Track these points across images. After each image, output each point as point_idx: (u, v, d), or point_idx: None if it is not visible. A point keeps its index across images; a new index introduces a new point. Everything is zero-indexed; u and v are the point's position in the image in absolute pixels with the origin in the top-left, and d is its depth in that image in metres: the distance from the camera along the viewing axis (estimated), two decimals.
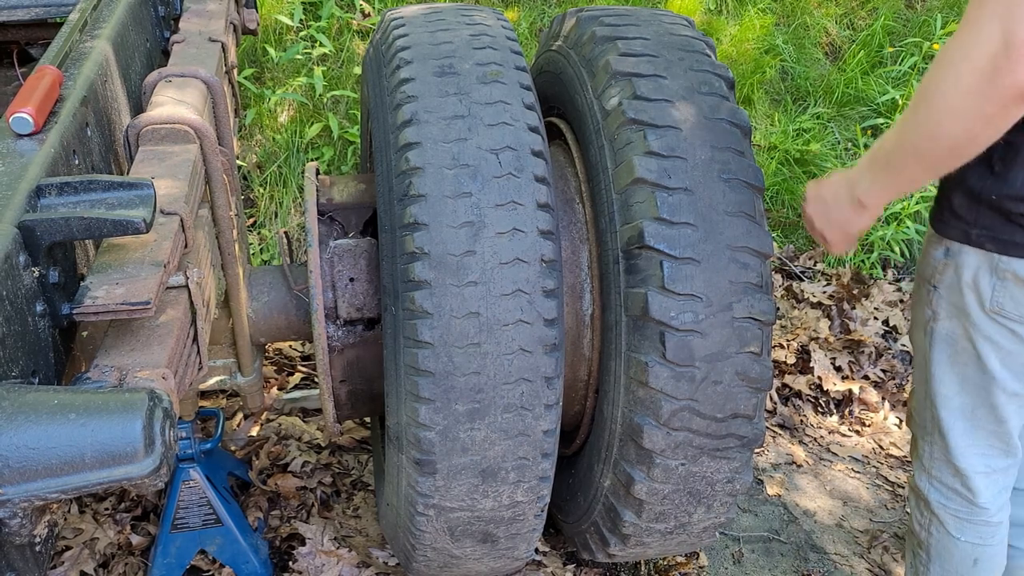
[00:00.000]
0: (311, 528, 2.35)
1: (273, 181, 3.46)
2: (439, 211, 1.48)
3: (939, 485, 1.81)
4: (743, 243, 1.54)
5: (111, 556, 2.28)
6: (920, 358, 1.76)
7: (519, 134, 1.56)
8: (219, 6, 2.19)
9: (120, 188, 1.19)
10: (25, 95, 1.32)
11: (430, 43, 1.69)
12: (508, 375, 1.51)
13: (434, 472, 1.58)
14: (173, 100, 1.59)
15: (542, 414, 1.56)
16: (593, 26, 1.78)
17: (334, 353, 1.91)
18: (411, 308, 1.49)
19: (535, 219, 1.51)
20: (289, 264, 2.04)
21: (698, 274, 1.51)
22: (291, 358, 3.07)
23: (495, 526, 1.69)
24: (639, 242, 1.54)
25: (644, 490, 1.65)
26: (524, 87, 1.64)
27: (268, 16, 3.60)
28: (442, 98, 1.58)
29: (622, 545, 1.81)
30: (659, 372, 1.53)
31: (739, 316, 1.53)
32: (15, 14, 2.09)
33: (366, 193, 2.04)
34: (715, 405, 1.57)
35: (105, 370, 1.13)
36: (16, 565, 1.03)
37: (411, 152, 1.53)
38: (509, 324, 1.49)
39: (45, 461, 0.92)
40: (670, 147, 1.56)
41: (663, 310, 1.51)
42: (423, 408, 1.52)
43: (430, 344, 1.48)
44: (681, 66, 1.66)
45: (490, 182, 1.51)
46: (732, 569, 2.40)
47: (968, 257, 1.55)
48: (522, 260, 1.49)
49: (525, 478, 1.62)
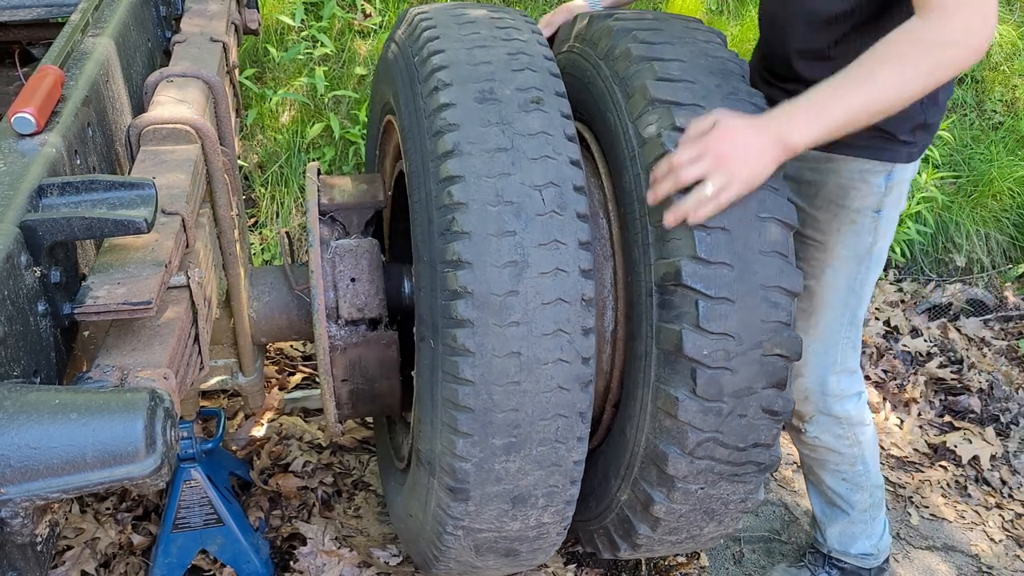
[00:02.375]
0: (312, 528, 2.35)
1: (274, 181, 3.46)
2: (483, 249, 1.46)
3: (849, 393, 2.01)
4: (775, 282, 1.54)
5: (112, 556, 2.28)
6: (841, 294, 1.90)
7: (561, 168, 1.53)
8: (220, 6, 2.19)
9: (121, 188, 1.19)
10: (27, 95, 1.32)
11: (468, 63, 1.63)
12: (545, 411, 1.52)
13: (467, 500, 1.60)
14: (175, 100, 1.59)
15: (575, 446, 1.58)
16: (627, 41, 1.71)
17: (335, 353, 1.91)
18: (452, 345, 1.48)
19: (577, 258, 1.50)
20: (290, 264, 2.04)
21: (732, 313, 1.51)
22: (292, 358, 3.07)
23: (519, 544, 1.72)
24: (675, 280, 1.52)
25: (663, 510, 1.68)
26: (564, 115, 1.60)
27: (269, 16, 3.60)
28: (484, 128, 1.54)
29: (632, 551, 1.84)
30: (688, 406, 1.54)
31: (767, 353, 1.55)
32: (17, 14, 2.09)
33: (368, 193, 2.04)
34: (739, 436, 1.59)
35: (106, 370, 1.13)
36: (17, 565, 1.03)
37: (454, 187, 1.50)
38: (549, 363, 1.50)
39: (46, 461, 0.92)
40: None
41: (696, 348, 1.51)
42: (460, 441, 1.53)
43: (471, 382, 1.48)
44: (719, 93, 1.62)
45: (534, 220, 1.48)
46: (732, 569, 2.40)
47: (905, 173, 1.83)
48: (564, 300, 1.49)
49: (553, 503, 1.65)
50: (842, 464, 2.09)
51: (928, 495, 2.75)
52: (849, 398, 2.01)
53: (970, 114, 4.06)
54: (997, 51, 4.12)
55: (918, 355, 3.37)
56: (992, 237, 3.83)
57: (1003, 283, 3.79)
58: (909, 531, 2.61)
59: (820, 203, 1.84)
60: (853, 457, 2.07)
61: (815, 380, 1.98)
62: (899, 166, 1.80)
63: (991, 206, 3.82)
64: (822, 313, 1.92)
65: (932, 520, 2.66)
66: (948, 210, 3.77)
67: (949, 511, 2.70)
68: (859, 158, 1.78)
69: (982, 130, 4.01)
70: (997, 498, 2.78)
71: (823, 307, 1.91)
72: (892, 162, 1.79)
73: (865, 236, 1.84)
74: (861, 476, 2.11)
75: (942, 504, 2.72)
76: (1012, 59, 4.13)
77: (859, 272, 1.88)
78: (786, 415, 1.61)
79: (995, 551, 2.57)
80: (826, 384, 1.98)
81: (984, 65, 4.12)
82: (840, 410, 2.01)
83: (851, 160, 1.79)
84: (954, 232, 3.79)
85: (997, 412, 3.13)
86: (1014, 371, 3.32)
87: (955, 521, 2.67)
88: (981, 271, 3.80)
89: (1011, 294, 3.74)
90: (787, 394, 1.60)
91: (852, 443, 2.05)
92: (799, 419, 2.04)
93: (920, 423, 3.06)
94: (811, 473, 2.19)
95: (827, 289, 1.89)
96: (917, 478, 2.81)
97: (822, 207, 1.85)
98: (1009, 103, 4.10)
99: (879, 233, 1.85)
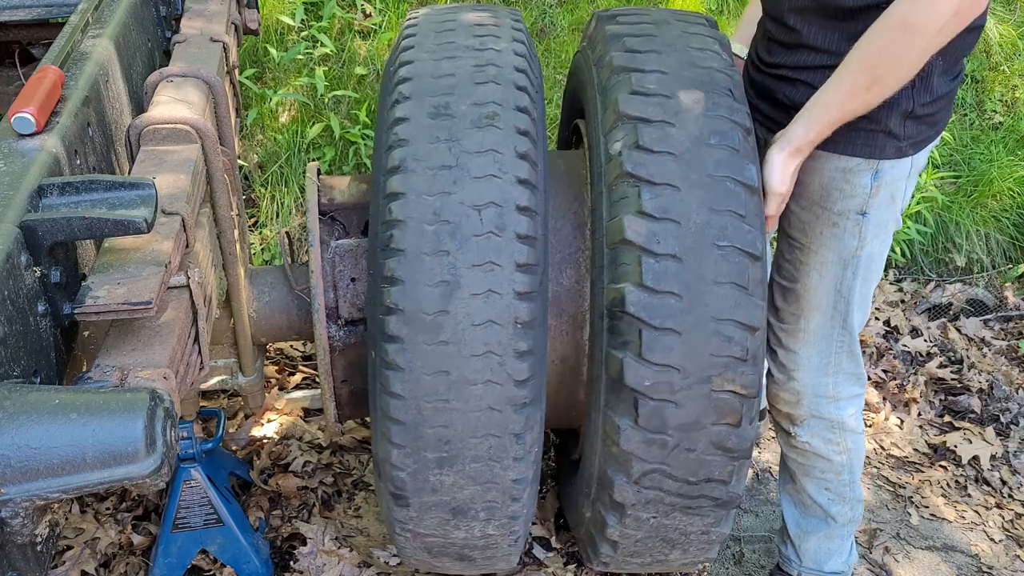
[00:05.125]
0: (312, 528, 2.35)
1: (274, 181, 3.46)
2: (416, 268, 1.46)
3: (846, 397, 1.95)
4: (729, 315, 1.49)
5: (112, 556, 2.28)
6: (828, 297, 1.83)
7: (506, 188, 1.50)
8: (221, 6, 2.19)
9: (122, 188, 1.19)
10: (27, 95, 1.32)
11: (432, 75, 1.61)
12: (475, 430, 1.53)
13: (407, 505, 1.63)
14: (175, 100, 1.59)
15: (511, 465, 1.58)
16: (613, 48, 1.67)
17: (335, 353, 1.91)
18: (385, 359, 1.50)
19: (512, 281, 1.48)
20: (290, 264, 2.04)
21: (677, 345, 1.48)
22: (292, 358, 3.07)
23: (470, 551, 1.74)
24: (621, 306, 1.51)
25: (616, 534, 1.68)
26: (520, 132, 1.55)
27: (269, 16, 3.60)
28: (432, 144, 1.52)
29: (602, 567, 1.86)
30: (631, 435, 1.54)
31: (718, 389, 1.51)
32: (17, 14, 2.09)
33: (367, 193, 2.04)
34: (688, 470, 1.57)
35: (107, 370, 1.13)
36: (17, 565, 1.03)
37: (395, 203, 1.50)
38: (478, 383, 1.49)
39: (46, 461, 0.92)
40: (664, 208, 1.50)
41: (638, 378, 1.50)
42: (395, 451, 1.55)
43: (401, 396, 1.50)
44: (694, 111, 1.57)
45: (469, 240, 1.47)
46: (732, 569, 2.40)
47: (897, 170, 1.71)
48: (495, 322, 1.48)
49: (495, 518, 1.65)
50: (828, 472, 2.04)
51: (928, 495, 2.75)
52: (845, 402, 1.96)
53: (970, 114, 4.06)
54: (997, 51, 4.12)
55: (918, 355, 3.37)
56: (992, 237, 3.83)
57: (1003, 283, 3.79)
58: (909, 531, 2.61)
59: (804, 203, 1.78)
60: (840, 466, 2.02)
61: (807, 383, 1.93)
62: (887, 163, 1.70)
63: (991, 206, 3.82)
64: (810, 316, 1.87)
65: (932, 520, 2.66)
66: (948, 210, 3.77)
67: (949, 511, 2.69)
68: (842, 155, 1.70)
69: (982, 130, 4.01)
70: (997, 498, 2.78)
71: (811, 310, 1.86)
72: (878, 159, 1.70)
73: (848, 240, 1.76)
74: (845, 487, 2.07)
75: (942, 504, 2.72)
76: (1012, 59, 4.13)
77: (844, 276, 1.80)
78: (742, 452, 1.57)
79: (995, 551, 2.57)
80: (820, 386, 1.93)
81: (984, 65, 4.12)
82: (834, 414, 1.96)
83: (833, 158, 1.71)
84: (954, 232, 3.79)
85: (997, 412, 3.13)
86: (1014, 371, 3.32)
87: (955, 521, 2.66)
88: (981, 271, 3.80)
89: (1011, 294, 3.74)
90: (743, 431, 1.56)
91: (842, 450, 2.00)
92: (790, 422, 2.00)
93: (920, 423, 3.06)
94: (791, 482, 2.13)
95: (812, 293, 1.83)
96: (917, 478, 2.81)
97: (805, 207, 1.78)
98: (1009, 103, 4.10)
99: (865, 237, 1.76)
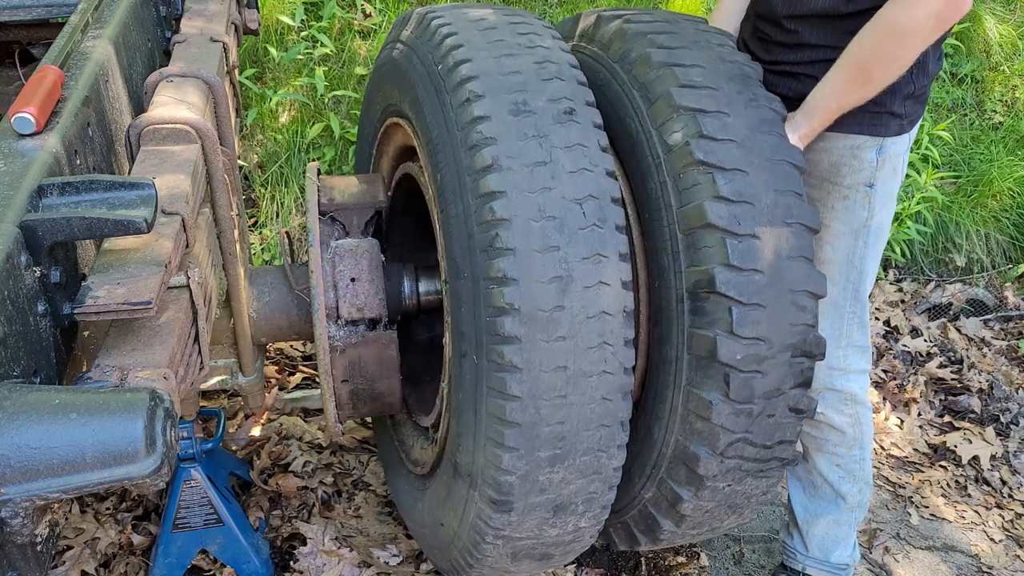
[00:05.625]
0: (312, 528, 2.35)
1: (274, 181, 3.46)
2: (528, 265, 1.47)
3: (856, 371, 2.04)
4: (803, 286, 1.57)
5: (112, 556, 2.28)
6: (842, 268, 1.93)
7: (599, 181, 1.54)
8: (220, 6, 2.19)
9: (122, 188, 1.19)
10: (27, 95, 1.32)
11: (498, 72, 1.61)
12: (589, 422, 1.55)
13: (510, 511, 1.61)
14: (174, 100, 1.59)
15: (615, 454, 1.61)
16: (644, 45, 1.71)
17: (335, 353, 1.91)
18: (499, 361, 1.49)
19: (619, 271, 1.51)
20: (290, 264, 2.04)
21: (763, 319, 1.54)
22: (292, 358, 3.07)
23: (555, 548, 1.76)
24: (708, 287, 1.54)
25: (690, 508, 1.71)
26: (597, 126, 1.60)
27: (269, 16, 3.60)
28: (522, 141, 1.53)
29: (652, 544, 1.87)
30: (722, 409, 1.57)
31: (795, 355, 1.58)
32: (17, 14, 2.09)
33: (368, 193, 2.04)
34: (766, 435, 1.63)
35: (106, 370, 1.13)
36: (17, 565, 1.03)
37: (496, 202, 1.49)
38: (593, 375, 1.51)
39: (46, 461, 0.92)
40: (738, 192, 1.55)
41: (730, 353, 1.54)
42: (506, 455, 1.54)
43: (518, 397, 1.49)
44: (741, 100, 1.64)
45: (576, 234, 1.49)
46: (732, 569, 2.40)
47: (898, 145, 1.87)
48: (607, 313, 1.50)
49: (591, 509, 1.68)
50: (840, 447, 2.10)
51: (928, 495, 2.75)
52: (855, 375, 2.04)
53: (970, 114, 4.06)
54: (997, 51, 4.12)
55: (918, 355, 3.37)
56: (992, 237, 3.83)
57: (1003, 283, 3.79)
58: (909, 531, 2.61)
59: (815, 181, 1.88)
60: (852, 440, 2.09)
61: None
62: (889, 139, 1.84)
63: (991, 206, 3.82)
64: None
65: (932, 520, 2.66)
66: (948, 210, 3.77)
67: (949, 511, 2.70)
68: (850, 134, 1.82)
69: (982, 130, 4.01)
70: (997, 498, 2.78)
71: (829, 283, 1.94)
72: (882, 136, 1.84)
73: (859, 211, 1.88)
74: (856, 463, 2.13)
75: (942, 504, 2.72)
76: (1012, 59, 4.13)
77: (857, 246, 1.91)
78: (810, 412, 1.66)
79: (995, 551, 2.58)
80: (833, 358, 2.00)
81: (984, 65, 4.12)
82: (845, 385, 2.04)
83: (841, 137, 1.83)
84: (954, 232, 3.79)
85: (997, 412, 3.14)
86: (1014, 371, 3.33)
87: (955, 521, 2.67)
88: (981, 271, 3.80)
89: (1011, 294, 3.74)
90: (812, 392, 1.65)
91: (855, 422, 2.07)
92: None
93: (920, 423, 3.06)
94: (802, 462, 2.19)
95: (827, 265, 1.92)
96: (917, 478, 2.81)
97: (816, 185, 1.89)
98: (1009, 103, 4.10)
99: (874, 207, 1.88)
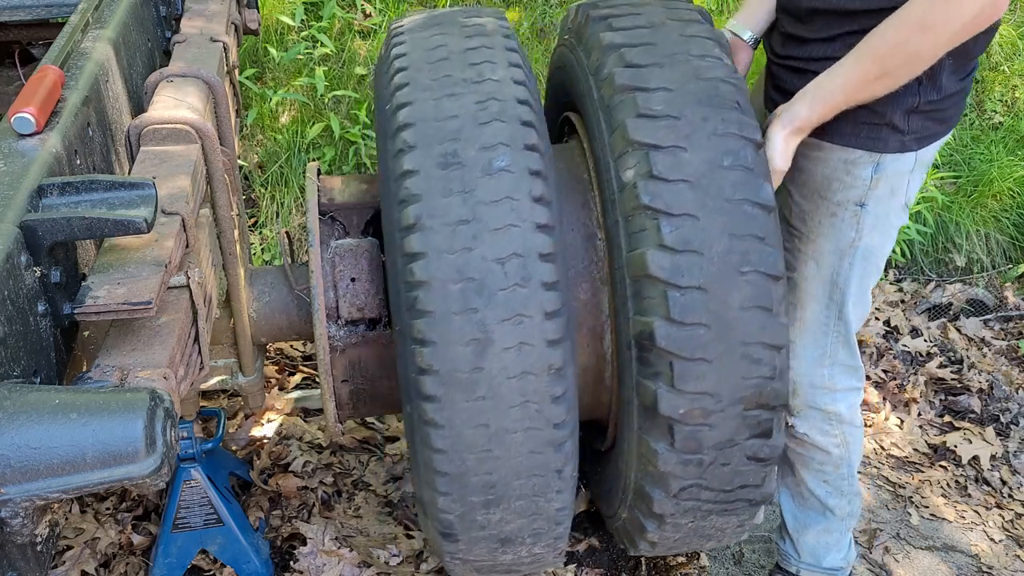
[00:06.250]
0: (312, 528, 2.35)
1: (274, 181, 3.46)
2: (446, 329, 1.45)
3: (842, 389, 1.97)
4: (757, 339, 1.49)
5: (112, 556, 2.28)
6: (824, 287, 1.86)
7: (526, 237, 1.47)
8: (221, 6, 2.19)
9: (122, 188, 1.19)
10: (27, 95, 1.32)
11: (435, 118, 1.54)
12: (519, 473, 1.54)
13: (456, 541, 1.64)
14: (175, 100, 1.59)
15: (554, 497, 1.60)
16: (613, 62, 1.62)
17: (335, 353, 1.91)
18: (424, 418, 1.50)
19: (543, 330, 1.47)
20: (290, 264, 2.04)
21: (709, 373, 1.48)
22: (292, 358, 3.07)
23: (517, 566, 1.78)
24: (650, 339, 1.50)
25: (656, 536, 1.71)
26: (532, 173, 1.51)
27: (269, 16, 3.60)
28: (446, 198, 1.48)
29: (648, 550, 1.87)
30: (668, 458, 1.55)
31: (749, 408, 1.52)
32: (16, 14, 2.09)
33: (368, 193, 2.04)
34: (724, 482, 1.59)
35: (106, 370, 1.13)
36: (17, 565, 1.03)
37: (416, 264, 1.47)
38: (518, 431, 1.50)
39: (46, 461, 0.92)
40: (685, 240, 1.48)
41: (672, 408, 1.50)
42: (441, 499, 1.56)
43: (444, 451, 1.51)
44: (705, 130, 1.52)
45: (496, 296, 1.45)
46: (732, 569, 2.40)
47: (899, 164, 1.73)
48: (530, 373, 1.48)
49: (542, 540, 1.68)
50: (826, 465, 2.05)
51: (928, 495, 2.75)
52: (841, 394, 1.97)
53: (970, 114, 4.06)
54: (997, 51, 4.12)
55: (918, 355, 3.37)
56: (992, 237, 3.83)
57: (1003, 283, 3.79)
58: (909, 531, 2.61)
59: (807, 192, 1.80)
60: (838, 459, 2.04)
61: (803, 372, 1.94)
62: (889, 156, 1.72)
63: (991, 206, 3.82)
64: (807, 305, 1.89)
65: (932, 520, 2.66)
66: (948, 210, 3.77)
67: (949, 511, 2.69)
68: (846, 147, 1.72)
69: (982, 130, 4.01)
70: (997, 498, 2.78)
71: (807, 299, 1.88)
72: (880, 152, 1.72)
73: (846, 231, 1.79)
74: (843, 480, 2.08)
75: (942, 504, 2.72)
76: (1012, 59, 4.13)
77: (842, 267, 1.83)
78: (774, 459, 1.59)
79: (995, 551, 2.57)
80: (816, 376, 1.94)
81: (984, 65, 4.12)
82: (830, 405, 1.97)
83: (837, 149, 1.73)
84: (954, 232, 3.79)
85: (997, 412, 3.13)
86: (1014, 371, 3.32)
87: (955, 521, 2.66)
88: (981, 271, 3.80)
89: (1011, 294, 3.74)
90: (774, 440, 1.58)
91: (840, 443, 2.02)
92: (788, 413, 2.00)
93: (920, 423, 3.06)
94: (790, 475, 2.14)
95: (809, 281, 1.86)
96: (917, 478, 2.81)
97: (807, 196, 1.80)
98: (1009, 103, 4.10)
99: (863, 228, 1.78)
